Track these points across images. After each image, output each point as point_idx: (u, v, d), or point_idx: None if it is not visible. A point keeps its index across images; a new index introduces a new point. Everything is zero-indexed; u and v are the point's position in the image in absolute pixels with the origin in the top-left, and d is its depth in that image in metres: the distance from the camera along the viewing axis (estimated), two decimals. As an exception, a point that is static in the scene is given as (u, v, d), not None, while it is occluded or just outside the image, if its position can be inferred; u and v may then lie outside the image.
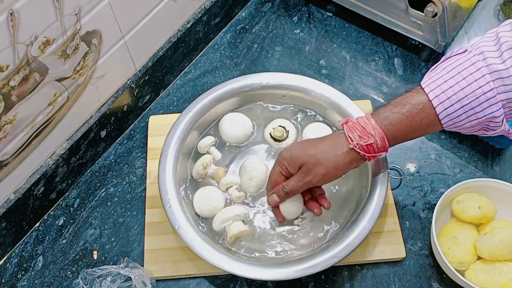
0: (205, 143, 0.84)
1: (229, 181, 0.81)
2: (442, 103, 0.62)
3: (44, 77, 0.70)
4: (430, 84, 0.63)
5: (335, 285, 0.78)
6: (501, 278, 0.72)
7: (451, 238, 0.76)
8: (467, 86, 0.61)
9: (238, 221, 0.77)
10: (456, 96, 0.61)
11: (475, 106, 0.61)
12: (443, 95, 0.62)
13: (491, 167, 0.88)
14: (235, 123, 0.85)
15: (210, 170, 0.83)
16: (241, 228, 0.76)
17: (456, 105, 0.62)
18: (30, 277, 0.79)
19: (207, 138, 0.85)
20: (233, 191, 0.81)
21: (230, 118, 0.86)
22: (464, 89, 0.61)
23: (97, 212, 0.85)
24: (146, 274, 0.75)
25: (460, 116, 0.62)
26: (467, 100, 0.61)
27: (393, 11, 0.95)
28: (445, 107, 0.62)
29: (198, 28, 0.97)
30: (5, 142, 0.70)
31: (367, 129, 0.66)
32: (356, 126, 0.67)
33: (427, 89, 0.63)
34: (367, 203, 0.75)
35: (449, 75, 0.62)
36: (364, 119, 0.67)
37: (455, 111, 0.62)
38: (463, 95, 0.61)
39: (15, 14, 0.60)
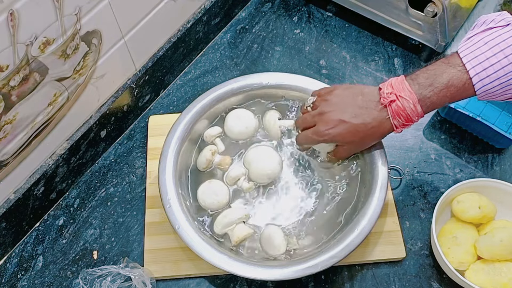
0: (211, 133, 0.84)
1: (236, 174, 0.81)
2: (482, 81, 0.62)
3: (44, 77, 0.70)
4: (471, 61, 0.63)
5: (335, 285, 0.78)
6: (501, 278, 0.72)
7: (451, 238, 0.76)
8: (509, 64, 0.61)
9: (240, 224, 0.77)
10: (496, 74, 0.62)
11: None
12: (483, 73, 0.62)
13: (491, 167, 0.88)
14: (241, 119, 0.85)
15: (217, 158, 0.83)
16: (246, 232, 0.76)
17: (495, 82, 0.62)
18: (30, 277, 0.79)
19: (214, 128, 0.85)
20: (243, 183, 0.81)
21: (236, 114, 0.85)
22: (505, 67, 0.61)
23: (97, 212, 0.85)
24: (146, 274, 0.75)
25: (496, 91, 0.63)
26: (506, 78, 0.61)
27: (393, 11, 0.95)
28: (484, 84, 0.63)
29: (198, 28, 0.97)
30: (5, 142, 0.70)
31: (412, 117, 0.67)
32: (401, 113, 0.67)
33: (468, 65, 0.63)
34: (367, 203, 0.75)
35: (491, 51, 0.62)
36: (411, 106, 0.66)
37: (493, 87, 0.63)
38: (503, 73, 0.61)
39: (15, 14, 0.60)
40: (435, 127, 0.92)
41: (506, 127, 0.91)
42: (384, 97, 0.68)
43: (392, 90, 0.67)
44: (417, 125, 0.92)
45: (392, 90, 0.67)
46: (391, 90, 0.67)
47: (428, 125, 0.93)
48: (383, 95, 0.68)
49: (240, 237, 0.75)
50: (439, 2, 0.87)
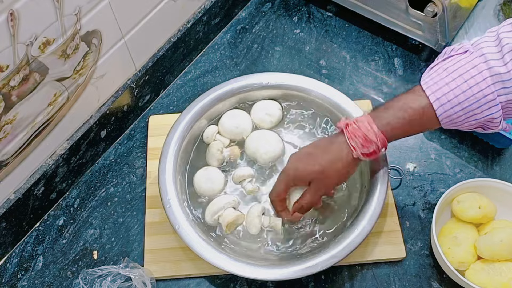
0: (210, 131, 0.84)
1: (242, 174, 0.81)
2: (443, 106, 0.62)
3: (44, 77, 0.70)
4: (431, 86, 0.63)
5: (335, 285, 0.78)
6: (501, 278, 0.72)
7: (451, 238, 0.76)
8: (468, 89, 0.61)
9: (229, 209, 0.77)
10: (457, 99, 0.61)
11: (475, 108, 0.62)
12: (444, 98, 0.62)
13: (491, 167, 0.88)
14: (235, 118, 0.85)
15: (226, 152, 0.83)
16: (234, 215, 0.76)
17: (457, 107, 0.62)
18: (30, 277, 0.79)
19: (211, 127, 0.85)
20: (247, 184, 0.81)
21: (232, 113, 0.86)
22: (466, 92, 0.61)
23: (97, 212, 0.85)
24: (146, 274, 0.75)
25: (459, 118, 0.63)
26: (468, 102, 0.61)
27: (393, 11, 0.95)
28: (446, 109, 0.62)
29: (198, 28, 0.97)
30: (5, 142, 0.70)
31: (369, 136, 0.66)
32: (357, 133, 0.66)
33: (428, 91, 0.63)
34: (367, 203, 0.75)
35: (450, 77, 0.62)
36: (366, 125, 0.66)
37: (455, 113, 0.62)
38: (464, 98, 0.61)
39: (15, 14, 0.60)
40: (435, 127, 0.92)
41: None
42: (341, 123, 0.69)
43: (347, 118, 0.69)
44: (417, 125, 0.92)
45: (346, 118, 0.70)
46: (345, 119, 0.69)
47: (428, 125, 0.93)
48: (341, 122, 0.69)
49: (230, 220, 0.76)
50: (439, 2, 0.87)
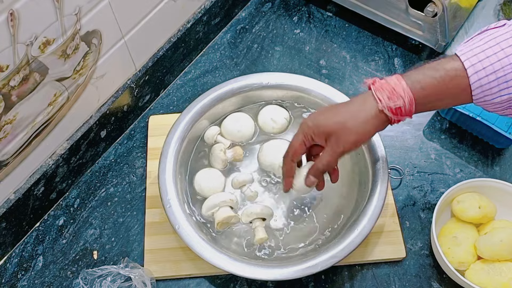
0: (211, 132, 0.84)
1: (242, 179, 0.81)
2: (477, 73, 0.59)
3: (44, 77, 0.70)
4: (466, 52, 0.60)
5: (335, 285, 0.78)
6: (501, 278, 0.72)
7: (451, 238, 0.76)
8: (505, 57, 0.58)
9: (225, 207, 0.77)
10: (492, 67, 0.58)
11: (509, 80, 0.58)
12: (479, 64, 0.59)
13: (491, 167, 0.88)
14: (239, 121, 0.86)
15: (229, 153, 0.83)
16: (226, 214, 0.76)
17: (491, 76, 0.59)
18: (30, 277, 0.79)
19: (213, 128, 0.85)
20: (247, 190, 0.81)
21: (235, 117, 0.86)
22: (502, 60, 0.58)
23: (97, 212, 0.85)
24: (146, 274, 0.75)
25: (492, 89, 0.59)
26: (503, 72, 0.58)
27: (393, 11, 0.95)
28: (480, 77, 0.59)
29: (198, 28, 0.97)
30: (5, 142, 0.70)
31: (397, 90, 0.61)
32: (385, 86, 0.62)
33: (463, 56, 0.60)
34: (367, 203, 0.75)
35: (487, 45, 0.59)
36: (394, 79, 0.62)
37: (488, 82, 0.59)
38: (500, 66, 0.58)
39: (15, 14, 0.60)
40: (435, 127, 0.92)
41: (506, 127, 0.91)
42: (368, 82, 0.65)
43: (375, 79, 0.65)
44: (417, 125, 0.92)
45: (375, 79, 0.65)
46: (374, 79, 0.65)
47: (428, 125, 0.93)
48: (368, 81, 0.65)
49: (220, 218, 0.75)
50: (439, 2, 0.87)
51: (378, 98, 0.62)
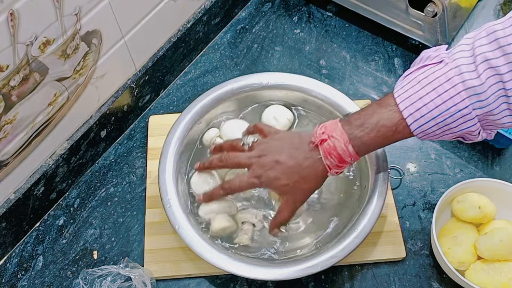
0: (210, 135, 0.84)
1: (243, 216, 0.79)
2: (417, 121, 0.61)
3: (44, 77, 0.70)
4: (404, 101, 0.61)
5: (335, 285, 0.78)
6: (501, 278, 0.72)
7: (451, 238, 0.76)
8: (442, 103, 0.59)
9: (222, 214, 0.76)
10: (431, 114, 0.60)
11: (450, 123, 0.60)
12: (417, 113, 0.60)
13: (491, 167, 0.88)
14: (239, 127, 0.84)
15: None
16: (222, 225, 0.76)
17: (431, 122, 0.60)
18: (30, 277, 0.79)
19: (212, 130, 0.85)
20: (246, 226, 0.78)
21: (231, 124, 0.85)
22: (439, 106, 0.59)
23: (97, 212, 0.85)
24: (146, 274, 0.75)
25: (435, 132, 0.62)
26: (442, 117, 0.60)
27: (393, 11, 0.95)
28: (420, 124, 0.61)
29: (198, 28, 0.97)
30: (5, 142, 0.70)
31: (344, 158, 0.65)
32: (333, 152, 0.65)
33: (401, 105, 0.61)
34: (367, 203, 0.75)
35: (424, 90, 0.60)
36: (342, 145, 0.65)
37: (429, 128, 0.61)
38: (438, 112, 0.60)
39: (15, 14, 0.60)
40: (435, 127, 0.92)
41: (506, 127, 0.91)
42: (316, 137, 0.67)
43: (325, 131, 0.66)
44: (417, 125, 0.92)
45: (325, 130, 0.66)
46: (323, 130, 0.66)
47: (428, 125, 0.93)
48: (315, 135, 0.67)
49: (217, 229, 0.75)
50: (439, 2, 0.87)
51: (327, 166, 0.67)
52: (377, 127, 0.63)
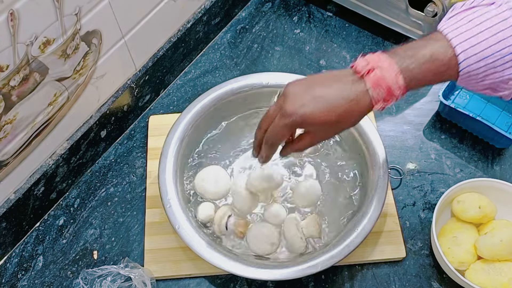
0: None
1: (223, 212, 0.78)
2: (468, 59, 0.57)
3: (44, 77, 0.70)
4: (457, 36, 0.57)
5: (335, 285, 0.78)
6: (502, 277, 0.72)
7: (451, 238, 0.76)
8: (496, 44, 0.56)
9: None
10: (483, 54, 0.56)
11: (498, 66, 0.57)
12: (470, 50, 0.57)
13: (491, 167, 0.88)
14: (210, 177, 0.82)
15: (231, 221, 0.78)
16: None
17: (481, 62, 0.57)
18: (30, 277, 0.79)
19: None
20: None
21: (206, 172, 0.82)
22: (492, 46, 0.56)
23: (97, 212, 0.85)
24: (146, 274, 0.75)
25: (479, 75, 0.58)
26: (493, 58, 0.56)
27: (393, 11, 0.95)
28: (469, 63, 0.57)
29: (198, 28, 0.97)
30: (5, 142, 0.70)
31: (393, 89, 0.57)
32: (381, 84, 0.57)
33: (454, 41, 0.57)
34: (367, 203, 0.75)
35: (477, 29, 0.57)
36: (392, 76, 0.57)
37: (477, 68, 0.57)
38: (490, 52, 0.56)
39: (15, 14, 0.60)
40: (435, 127, 0.92)
41: (506, 127, 0.91)
42: (360, 67, 0.58)
43: (368, 63, 0.58)
44: (417, 125, 0.92)
45: (368, 63, 0.58)
46: (366, 63, 0.58)
47: (428, 125, 0.93)
48: (358, 67, 0.59)
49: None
50: (439, 2, 0.87)
51: (374, 99, 0.58)
52: (431, 60, 0.58)
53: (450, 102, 0.91)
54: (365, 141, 0.80)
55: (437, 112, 0.93)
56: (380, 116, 0.93)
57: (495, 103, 0.93)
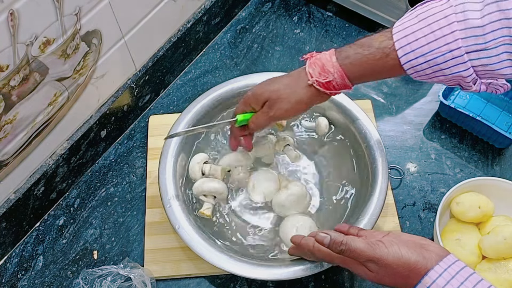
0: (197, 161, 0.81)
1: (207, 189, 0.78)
2: (407, 55, 0.59)
3: (44, 77, 0.70)
4: (399, 32, 0.60)
5: (335, 285, 0.78)
6: (508, 276, 0.73)
7: (454, 241, 0.76)
8: (434, 41, 0.57)
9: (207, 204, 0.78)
10: (421, 50, 0.58)
11: (440, 63, 0.58)
12: (407, 47, 0.59)
13: (491, 167, 0.88)
14: None
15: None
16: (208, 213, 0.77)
17: (420, 59, 0.58)
18: (30, 277, 0.79)
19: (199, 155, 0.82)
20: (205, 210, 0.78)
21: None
22: (430, 44, 0.57)
23: (97, 212, 0.85)
24: (146, 274, 0.75)
25: (425, 70, 0.59)
26: (432, 55, 0.57)
27: (393, 11, 0.95)
28: (409, 59, 0.59)
29: (198, 28, 0.97)
30: (5, 142, 0.70)
31: (326, 66, 0.64)
32: (317, 62, 0.65)
33: (395, 36, 0.60)
34: (367, 203, 0.75)
35: (418, 25, 0.58)
36: (326, 56, 0.65)
37: (418, 64, 0.59)
38: (428, 49, 0.57)
39: (15, 14, 0.60)
40: (435, 127, 0.92)
41: (506, 127, 0.91)
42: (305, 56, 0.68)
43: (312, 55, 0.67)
44: (417, 125, 0.92)
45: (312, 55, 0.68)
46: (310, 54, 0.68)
47: (428, 125, 0.93)
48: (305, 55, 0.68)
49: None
50: (439, 2, 0.87)
51: (309, 73, 0.66)
52: (365, 45, 0.62)
53: (450, 102, 0.91)
54: (365, 141, 0.80)
55: (437, 112, 0.93)
56: (380, 116, 0.93)
57: (495, 103, 0.93)
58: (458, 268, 0.55)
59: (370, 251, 0.57)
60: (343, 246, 0.59)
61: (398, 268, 0.56)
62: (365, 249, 0.58)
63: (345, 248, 0.59)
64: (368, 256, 0.57)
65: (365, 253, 0.58)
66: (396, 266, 0.56)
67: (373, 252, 0.57)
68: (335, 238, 0.60)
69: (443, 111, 0.91)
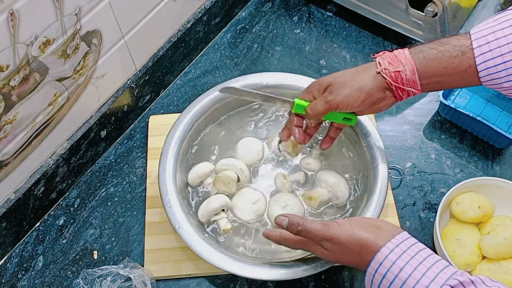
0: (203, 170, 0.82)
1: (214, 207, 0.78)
2: (483, 55, 0.57)
3: (44, 77, 0.70)
4: (476, 32, 0.59)
5: (335, 285, 0.78)
6: (508, 276, 0.73)
7: (454, 241, 0.76)
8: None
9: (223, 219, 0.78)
10: (500, 50, 0.56)
11: None
12: (486, 46, 0.57)
13: (491, 167, 0.88)
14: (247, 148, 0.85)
15: None
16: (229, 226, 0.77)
17: (498, 59, 0.57)
18: (30, 277, 0.79)
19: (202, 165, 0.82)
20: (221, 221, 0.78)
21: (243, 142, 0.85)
22: (510, 43, 0.56)
23: (97, 212, 0.85)
24: (146, 274, 0.75)
25: (499, 73, 0.57)
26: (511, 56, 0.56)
27: (393, 11, 0.95)
28: (486, 59, 0.57)
29: (198, 28, 0.97)
30: (5, 142, 0.70)
31: (398, 57, 0.64)
32: (388, 54, 0.66)
33: (473, 36, 0.59)
34: (367, 203, 0.75)
35: (499, 26, 0.57)
36: (399, 50, 0.65)
37: (495, 65, 0.57)
38: (508, 50, 0.56)
39: (15, 14, 0.60)
40: (435, 127, 0.92)
41: (506, 127, 0.91)
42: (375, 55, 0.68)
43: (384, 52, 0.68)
44: (417, 125, 0.92)
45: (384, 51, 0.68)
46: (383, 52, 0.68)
47: (428, 125, 0.93)
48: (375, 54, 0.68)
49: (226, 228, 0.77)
50: (439, 2, 0.87)
51: (378, 62, 0.65)
52: (442, 43, 0.61)
53: (450, 102, 0.91)
54: (365, 141, 0.80)
55: (437, 112, 0.93)
56: (380, 116, 0.93)
57: (495, 103, 0.93)
58: (409, 244, 0.57)
59: (325, 230, 0.61)
60: (299, 226, 0.63)
61: (350, 246, 0.59)
62: (320, 229, 0.61)
63: (302, 228, 0.62)
64: (323, 236, 0.61)
65: (320, 233, 0.61)
66: (348, 243, 0.60)
67: (327, 231, 0.61)
68: (292, 219, 0.64)
69: (443, 111, 0.91)
